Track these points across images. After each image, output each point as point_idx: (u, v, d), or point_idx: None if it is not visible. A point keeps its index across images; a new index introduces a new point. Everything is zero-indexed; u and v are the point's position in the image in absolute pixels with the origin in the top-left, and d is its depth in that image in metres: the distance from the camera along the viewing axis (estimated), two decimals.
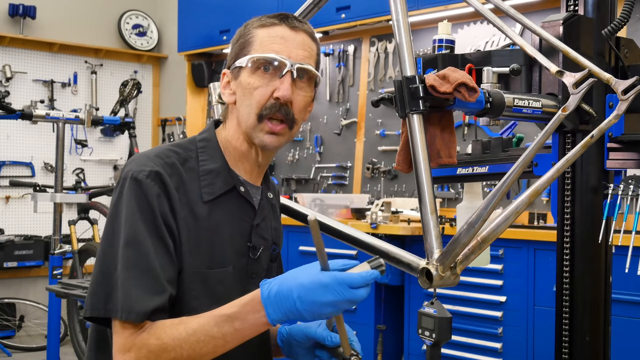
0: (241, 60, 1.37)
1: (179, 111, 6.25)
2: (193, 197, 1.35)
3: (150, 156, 1.35)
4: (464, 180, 1.75)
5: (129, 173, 1.31)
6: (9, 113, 3.77)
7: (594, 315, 1.49)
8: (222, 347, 1.23)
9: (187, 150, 1.40)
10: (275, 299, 1.19)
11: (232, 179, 1.40)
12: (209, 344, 1.22)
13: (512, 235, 3.27)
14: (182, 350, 1.22)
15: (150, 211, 1.29)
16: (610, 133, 1.45)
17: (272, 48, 1.36)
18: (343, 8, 4.60)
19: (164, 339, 1.22)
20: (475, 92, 1.28)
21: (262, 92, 1.35)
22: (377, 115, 4.78)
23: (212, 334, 1.22)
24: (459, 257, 1.20)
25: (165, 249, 1.28)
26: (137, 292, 1.24)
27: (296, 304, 1.17)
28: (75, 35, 6.03)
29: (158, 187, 1.30)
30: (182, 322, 1.24)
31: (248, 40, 1.39)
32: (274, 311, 1.19)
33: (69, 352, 4.93)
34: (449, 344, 3.16)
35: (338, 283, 1.16)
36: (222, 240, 1.37)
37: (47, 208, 4.35)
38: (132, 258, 1.26)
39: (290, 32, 1.38)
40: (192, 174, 1.37)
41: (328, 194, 4.86)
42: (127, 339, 1.24)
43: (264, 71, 1.35)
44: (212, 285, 1.34)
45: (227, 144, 1.43)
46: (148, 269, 1.26)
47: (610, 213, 1.45)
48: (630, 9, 1.45)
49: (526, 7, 3.95)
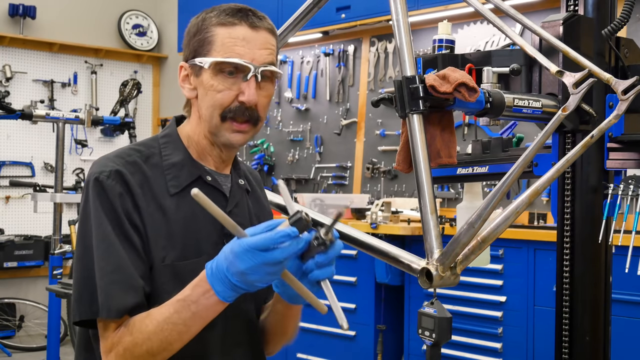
0: (202, 61, 1.35)
1: (179, 111, 6.19)
2: (159, 191, 1.36)
3: (111, 157, 1.37)
4: (464, 180, 1.75)
5: (92, 175, 1.34)
6: (9, 113, 3.77)
7: (594, 315, 1.49)
8: (186, 334, 1.24)
9: (149, 148, 1.41)
10: (216, 274, 1.18)
11: (197, 169, 1.41)
12: (173, 332, 1.23)
13: (512, 235, 3.27)
14: (151, 342, 1.23)
15: (113, 211, 1.30)
16: (610, 133, 1.45)
17: (235, 51, 1.34)
18: (343, 8, 4.60)
19: (134, 334, 1.25)
20: (475, 92, 1.28)
21: (225, 95, 1.35)
22: (377, 115, 4.78)
23: (173, 322, 1.23)
24: (459, 257, 1.20)
25: (133, 247, 1.30)
26: (115, 291, 1.26)
27: (229, 277, 1.16)
28: (75, 35, 6.03)
29: (120, 186, 1.32)
30: (149, 315, 1.26)
31: (207, 39, 1.36)
32: (220, 287, 1.18)
33: (69, 352, 4.93)
34: (449, 344, 3.15)
35: (245, 250, 1.13)
36: (194, 231, 1.37)
37: (47, 208, 4.35)
38: (105, 258, 1.28)
39: (252, 33, 1.36)
40: (157, 170, 1.38)
41: (328, 194, 4.86)
42: (108, 339, 1.27)
43: (227, 74, 1.34)
44: (185, 276, 1.32)
45: (190, 138, 1.44)
46: (121, 267, 1.27)
47: (610, 213, 1.45)
48: (630, 9, 1.45)
49: (526, 7, 3.95)
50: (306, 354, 4.03)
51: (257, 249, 1.13)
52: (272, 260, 1.13)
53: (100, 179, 1.32)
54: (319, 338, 3.96)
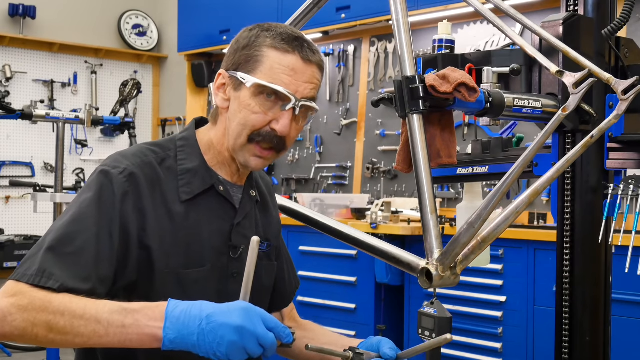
0: (246, 78, 1.33)
1: (179, 111, 6.25)
2: (170, 196, 1.34)
3: (127, 155, 1.34)
4: (464, 180, 1.75)
5: (103, 167, 1.31)
6: (9, 113, 3.77)
7: (594, 315, 1.49)
8: (99, 338, 1.14)
9: (165, 150, 1.39)
10: (180, 314, 1.12)
11: (211, 178, 1.39)
12: (89, 325, 1.13)
13: (512, 235, 3.26)
14: (62, 317, 1.13)
15: (110, 202, 1.27)
16: (610, 133, 1.45)
17: (281, 79, 1.31)
18: (343, 8, 4.60)
19: (52, 299, 1.15)
20: (475, 92, 1.28)
21: (259, 118, 1.33)
22: (377, 115, 4.78)
23: (98, 317, 1.13)
24: (459, 257, 1.20)
25: (109, 246, 1.24)
26: (56, 271, 1.18)
27: (202, 324, 1.10)
28: (75, 35, 6.03)
29: (128, 185, 1.29)
30: (80, 298, 1.17)
31: (256, 57, 1.33)
32: (171, 326, 1.11)
33: (69, 352, 4.92)
34: (449, 344, 3.15)
35: (256, 313, 1.12)
36: (200, 240, 1.36)
37: (47, 208, 4.35)
38: (68, 235, 1.22)
39: (302, 65, 1.33)
40: (170, 174, 1.36)
41: (328, 194, 4.86)
42: (17, 286, 1.17)
43: (266, 98, 1.33)
44: (187, 285, 1.32)
45: (210, 145, 1.41)
46: (78, 254, 1.21)
47: (610, 213, 1.45)
48: (630, 9, 1.45)
49: (526, 7, 3.95)
50: None
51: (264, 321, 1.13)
52: (264, 338, 1.12)
53: (111, 173, 1.29)
54: None
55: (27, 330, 1.14)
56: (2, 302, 1.15)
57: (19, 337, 1.15)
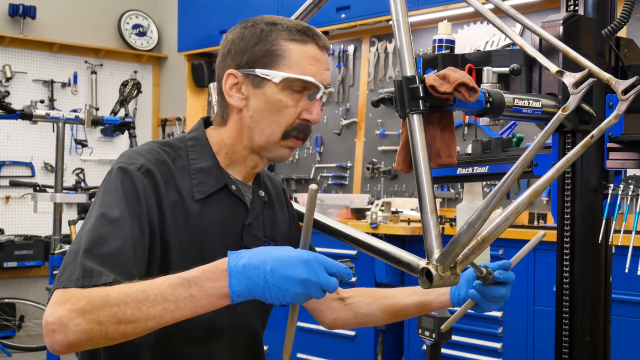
0: (270, 73, 1.33)
1: (179, 111, 6.25)
2: (184, 195, 1.33)
3: (141, 152, 1.33)
4: (464, 180, 1.75)
5: (119, 164, 1.29)
6: (9, 113, 3.77)
7: (594, 315, 1.49)
8: (171, 314, 1.10)
9: (176, 149, 1.39)
10: (243, 269, 1.09)
11: (224, 177, 1.39)
12: (157, 305, 1.09)
13: (512, 235, 3.26)
14: (126, 306, 1.09)
15: (135, 199, 1.25)
16: (610, 133, 1.45)
17: (308, 70, 1.34)
18: (343, 8, 4.60)
19: (109, 292, 1.10)
20: (475, 92, 1.28)
21: (292, 112, 1.34)
22: (377, 115, 4.78)
23: (163, 294, 1.10)
24: (459, 257, 1.20)
25: (142, 243, 1.24)
26: (103, 269, 1.15)
27: (267, 277, 1.08)
28: (75, 35, 6.03)
29: (148, 181, 1.28)
30: (136, 282, 1.13)
31: (276, 52, 1.34)
32: (237, 281, 1.09)
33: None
34: (449, 344, 3.15)
35: (318, 262, 1.10)
36: (212, 240, 1.36)
37: (47, 208, 4.35)
38: (102, 236, 1.19)
39: (320, 53, 1.36)
40: (184, 172, 1.36)
41: (328, 194, 4.86)
42: (68, 292, 1.12)
43: (294, 90, 1.34)
44: None
45: (222, 145, 1.41)
46: (116, 254, 1.19)
47: (610, 213, 1.45)
48: (630, 9, 1.45)
49: (526, 7, 3.95)
50: (306, 354, 4.03)
51: (326, 268, 1.11)
52: (329, 285, 1.11)
53: (128, 169, 1.28)
54: (319, 338, 3.96)
55: (94, 330, 1.09)
56: (58, 312, 1.10)
57: (88, 341, 1.10)
